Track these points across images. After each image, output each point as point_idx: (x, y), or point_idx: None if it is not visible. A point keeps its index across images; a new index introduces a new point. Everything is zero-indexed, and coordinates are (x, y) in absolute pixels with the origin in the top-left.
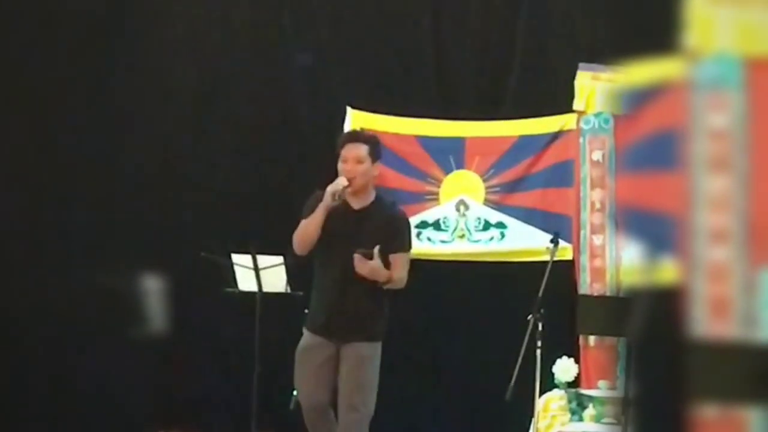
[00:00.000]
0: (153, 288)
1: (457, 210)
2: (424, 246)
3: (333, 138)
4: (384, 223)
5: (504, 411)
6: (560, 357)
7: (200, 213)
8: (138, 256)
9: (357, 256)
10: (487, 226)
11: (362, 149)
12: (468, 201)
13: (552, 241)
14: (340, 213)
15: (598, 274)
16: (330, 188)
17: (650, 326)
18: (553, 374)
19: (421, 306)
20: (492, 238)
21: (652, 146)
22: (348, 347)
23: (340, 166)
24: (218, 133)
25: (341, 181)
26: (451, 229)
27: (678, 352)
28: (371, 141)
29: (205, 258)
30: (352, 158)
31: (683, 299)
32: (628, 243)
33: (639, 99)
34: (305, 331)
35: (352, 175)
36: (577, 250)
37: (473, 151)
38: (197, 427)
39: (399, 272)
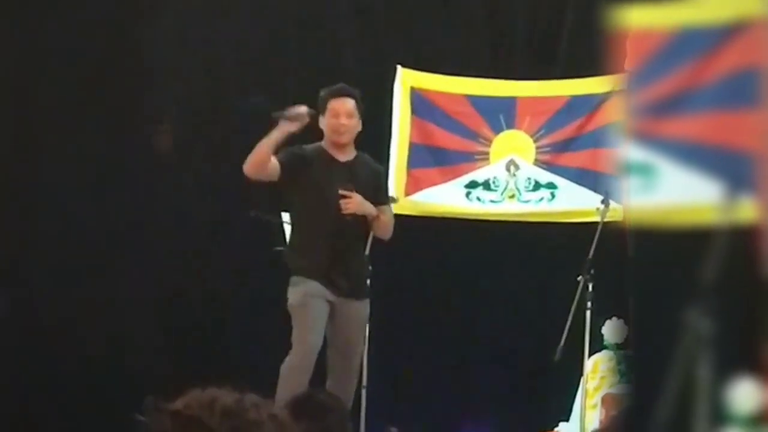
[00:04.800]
0: None
1: (507, 170)
2: (473, 206)
3: (383, 97)
4: (372, 176)
5: (553, 372)
6: (610, 318)
7: None
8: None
9: (341, 194)
10: (537, 186)
11: (351, 103)
12: (518, 161)
13: (602, 201)
14: (328, 166)
15: None
16: (290, 110)
17: (727, 266)
18: (602, 335)
19: (472, 265)
20: (542, 199)
21: (731, 84)
22: (347, 305)
23: (329, 121)
24: (267, 93)
25: (303, 109)
26: (500, 189)
27: (755, 293)
28: (357, 95)
29: (255, 216)
30: (345, 112)
31: (762, 239)
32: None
33: (715, 37)
34: (302, 279)
35: (346, 130)
36: None
37: (524, 110)
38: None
39: (388, 217)
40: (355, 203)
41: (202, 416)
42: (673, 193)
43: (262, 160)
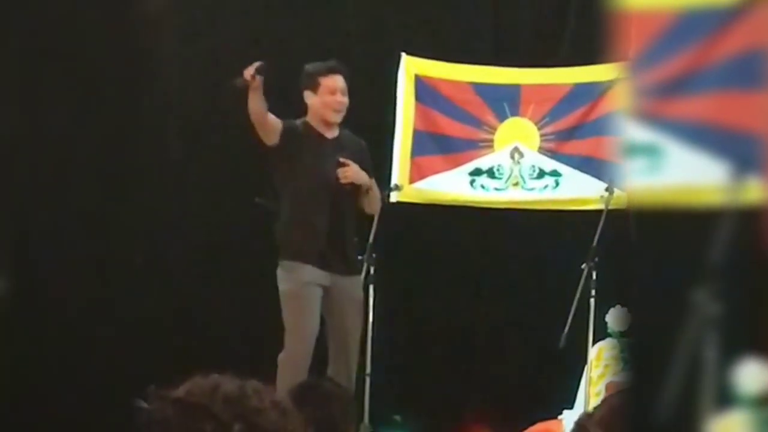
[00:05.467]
0: None
1: (512, 158)
2: (477, 193)
3: (387, 84)
4: (358, 152)
5: (557, 359)
6: (614, 306)
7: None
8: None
9: (340, 162)
10: (541, 174)
11: (343, 80)
12: (522, 149)
13: (607, 189)
14: (318, 143)
15: None
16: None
17: (734, 247)
18: (606, 323)
19: (476, 253)
20: (546, 186)
21: (738, 65)
22: (341, 282)
23: (326, 98)
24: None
25: (250, 70)
26: (505, 177)
27: (762, 274)
28: (346, 72)
29: (260, 203)
30: (341, 90)
31: None
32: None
33: (721, 18)
34: (294, 265)
35: (343, 108)
36: None
37: (528, 98)
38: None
39: (377, 190)
40: (353, 171)
41: (205, 403)
42: (679, 174)
43: (261, 109)
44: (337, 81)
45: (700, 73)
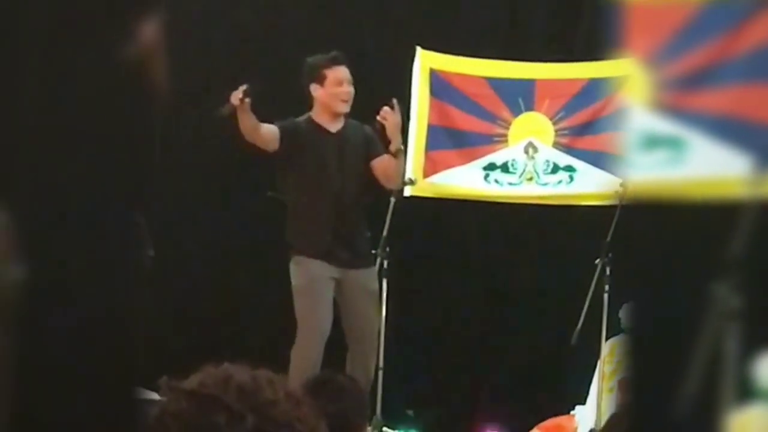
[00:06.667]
0: None
1: (526, 152)
2: (491, 188)
3: (402, 78)
4: (364, 141)
5: (570, 355)
6: (627, 302)
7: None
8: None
9: (385, 109)
10: (555, 169)
11: (348, 71)
12: (537, 143)
13: (621, 184)
14: (321, 138)
15: None
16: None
17: (755, 240)
18: (619, 319)
19: (488, 247)
20: (560, 181)
21: (761, 58)
22: (353, 276)
23: (333, 90)
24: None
25: (237, 94)
26: (519, 172)
27: None
28: (348, 63)
29: (272, 196)
30: (347, 80)
31: None
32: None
33: (744, 10)
34: (302, 259)
35: (349, 98)
36: None
37: (543, 93)
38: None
39: (401, 160)
40: (394, 119)
41: (218, 394)
42: (701, 166)
43: (252, 126)
44: (343, 72)
45: (723, 66)
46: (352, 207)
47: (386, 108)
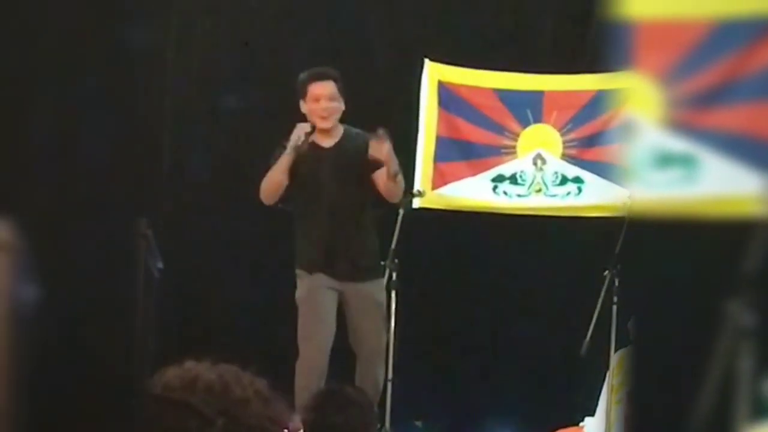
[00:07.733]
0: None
1: (534, 164)
2: (500, 200)
3: (411, 90)
4: (362, 152)
5: (579, 366)
6: (638, 320)
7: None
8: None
9: (376, 136)
10: (564, 180)
11: (332, 86)
12: (545, 155)
13: (630, 196)
14: (315, 155)
15: None
16: (293, 138)
17: None
18: (628, 330)
19: (498, 259)
20: (569, 193)
21: None
22: (355, 289)
23: (311, 106)
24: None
25: (305, 127)
26: (527, 183)
27: None
28: (338, 76)
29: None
30: (326, 96)
31: None
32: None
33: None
34: (303, 273)
35: (329, 114)
36: None
37: (551, 105)
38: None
39: (401, 180)
40: (386, 149)
41: (185, 399)
42: (714, 184)
43: (279, 188)
44: (323, 87)
45: (736, 84)
46: (349, 220)
47: (372, 143)
